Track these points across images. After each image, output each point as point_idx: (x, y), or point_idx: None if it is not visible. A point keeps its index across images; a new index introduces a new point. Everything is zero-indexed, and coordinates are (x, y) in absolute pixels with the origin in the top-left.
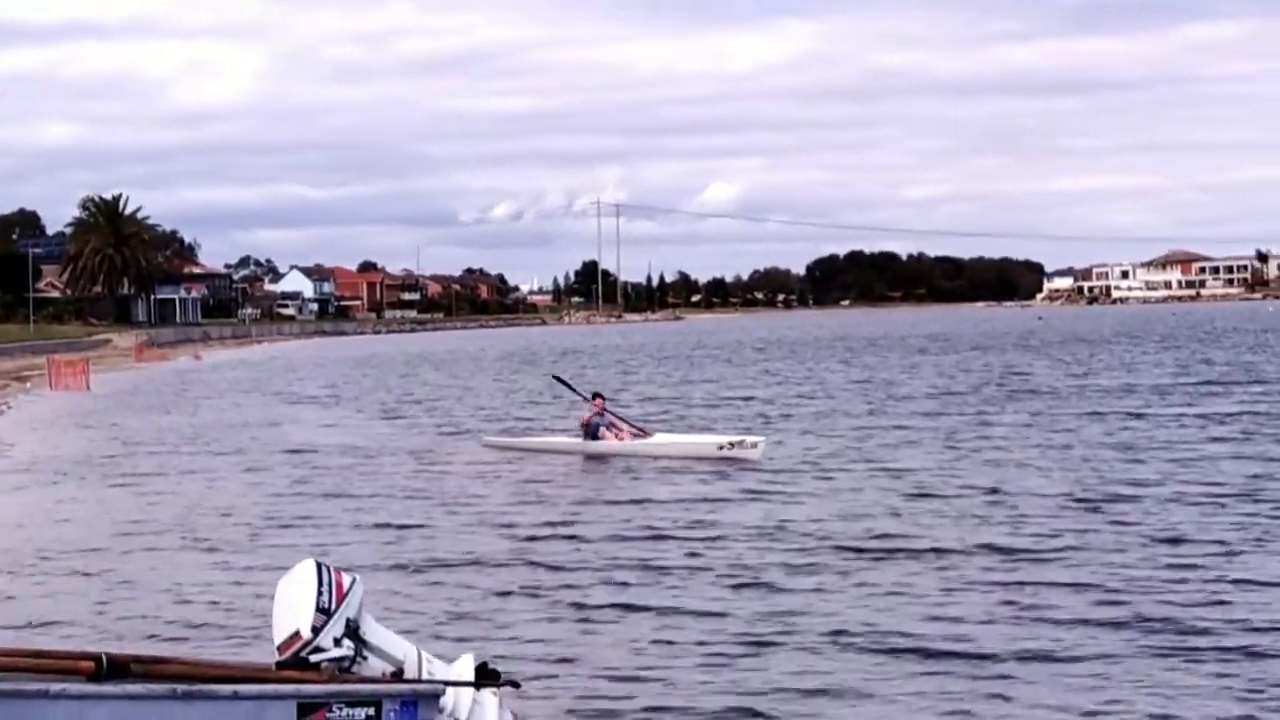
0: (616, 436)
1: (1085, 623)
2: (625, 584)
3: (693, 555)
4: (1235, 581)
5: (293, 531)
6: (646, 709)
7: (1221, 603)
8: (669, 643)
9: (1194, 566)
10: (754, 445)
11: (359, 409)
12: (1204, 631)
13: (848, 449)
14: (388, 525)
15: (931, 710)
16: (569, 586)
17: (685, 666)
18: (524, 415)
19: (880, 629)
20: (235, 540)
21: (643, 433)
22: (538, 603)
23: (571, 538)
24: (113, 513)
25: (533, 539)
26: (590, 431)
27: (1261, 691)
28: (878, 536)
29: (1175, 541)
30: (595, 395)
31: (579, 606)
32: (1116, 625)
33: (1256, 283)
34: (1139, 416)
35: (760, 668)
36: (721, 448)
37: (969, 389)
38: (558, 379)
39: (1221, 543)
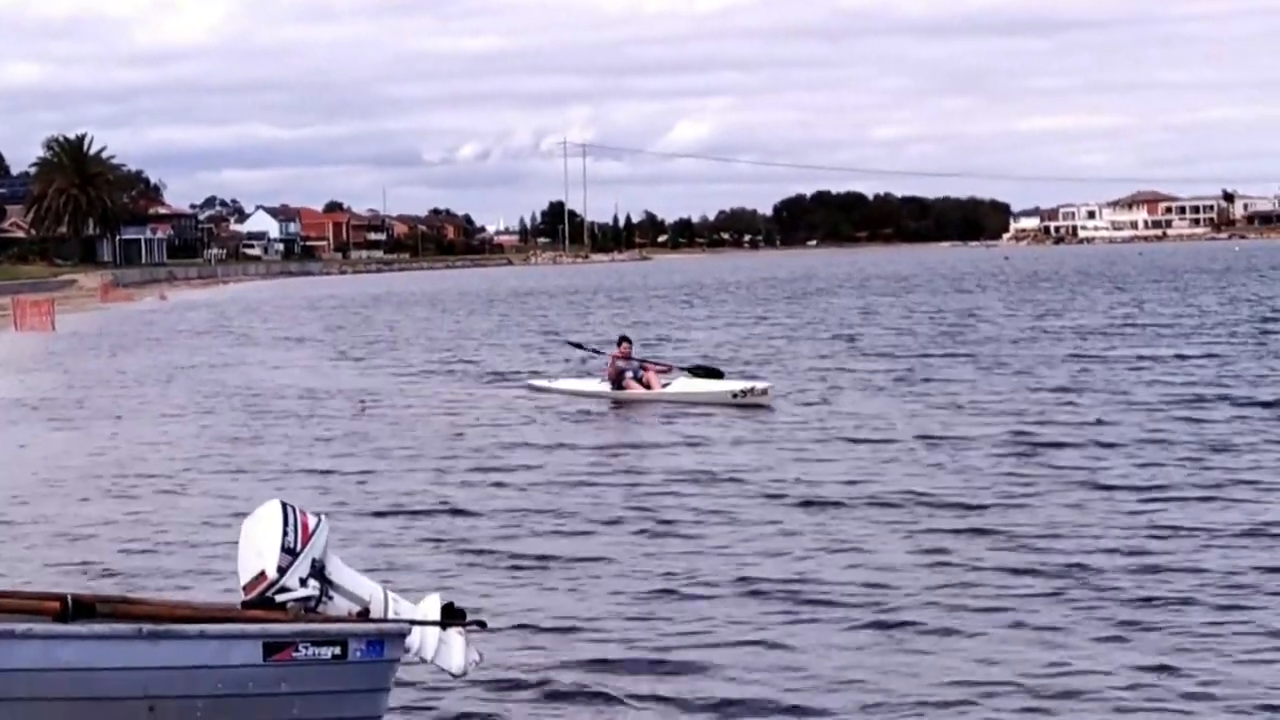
0: (644, 383)
1: (1011, 571)
2: (589, 533)
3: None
4: (1156, 531)
5: (255, 474)
6: (596, 660)
7: (1142, 552)
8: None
9: (1120, 514)
10: (763, 391)
11: (337, 350)
12: (1117, 585)
13: (795, 393)
14: (352, 469)
15: (858, 666)
16: (536, 535)
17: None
18: (476, 358)
19: (803, 578)
20: (197, 482)
21: (669, 370)
22: (500, 545)
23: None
24: (73, 454)
25: (499, 484)
26: (616, 378)
27: (1183, 650)
28: (810, 484)
29: (1105, 488)
30: (621, 340)
31: (542, 558)
32: (1037, 573)
33: (1223, 222)
34: (1086, 358)
35: (675, 615)
36: (735, 395)
37: (923, 332)
38: (572, 344)
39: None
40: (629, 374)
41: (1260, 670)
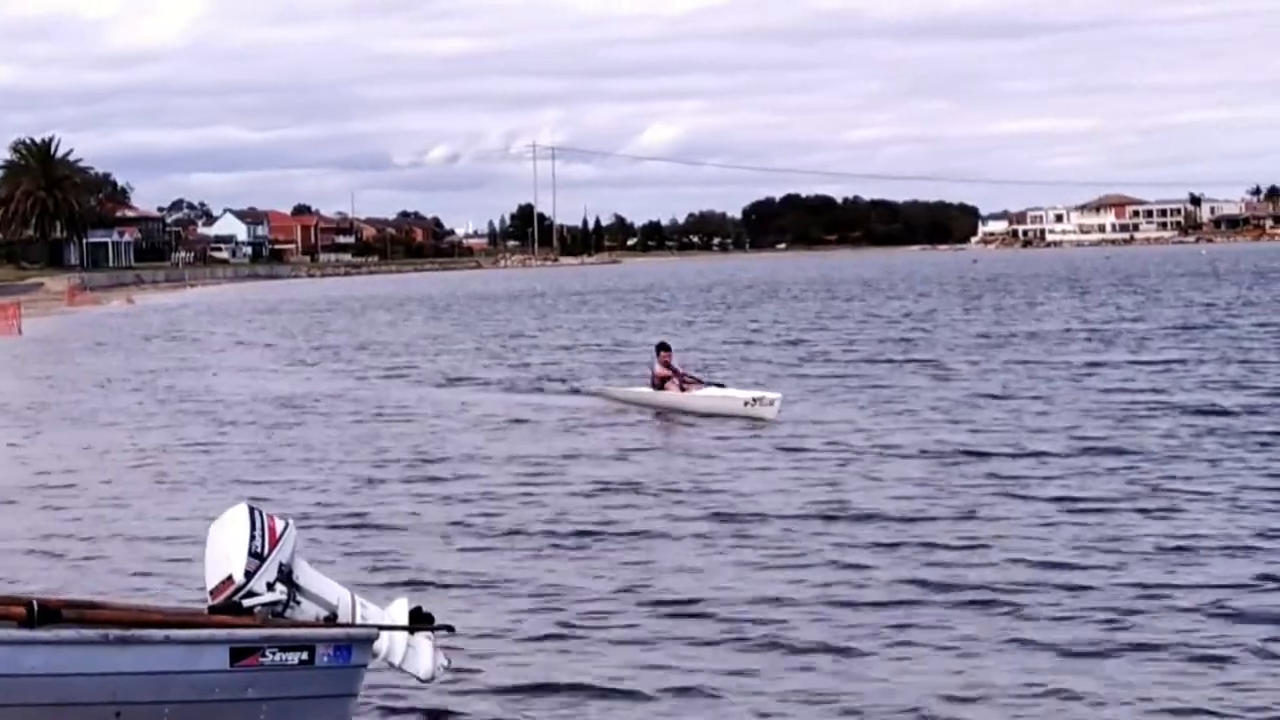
0: (681, 387)
1: (908, 583)
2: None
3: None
4: (1074, 543)
5: (220, 479)
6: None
7: (1057, 565)
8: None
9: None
10: (771, 402)
11: (295, 357)
12: (1011, 594)
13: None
14: (319, 472)
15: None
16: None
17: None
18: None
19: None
20: (164, 486)
21: (698, 382)
22: (472, 546)
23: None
24: (38, 459)
25: (468, 489)
26: (660, 383)
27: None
28: (741, 496)
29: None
30: (661, 347)
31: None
32: (947, 587)
33: (1190, 226)
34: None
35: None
36: (746, 403)
37: (875, 338)
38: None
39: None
40: (674, 380)
41: (1163, 687)
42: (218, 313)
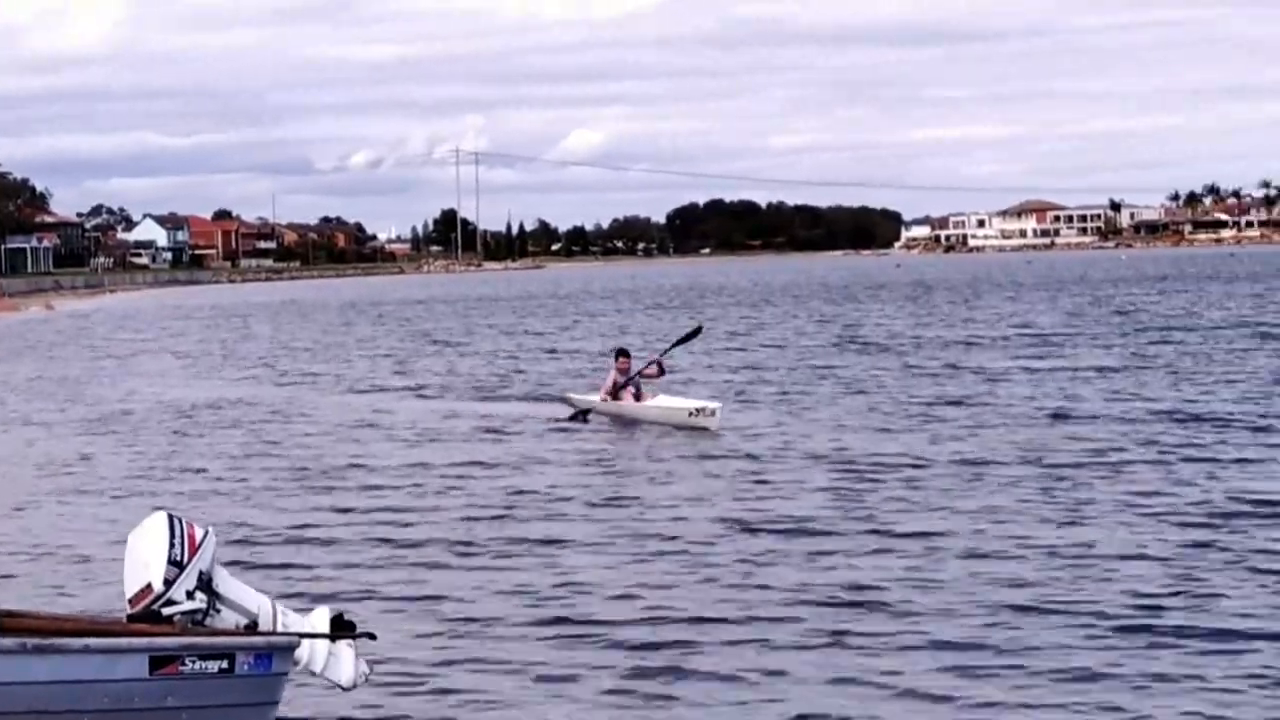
0: (638, 395)
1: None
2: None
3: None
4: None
5: (141, 485)
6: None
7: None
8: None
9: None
10: (712, 413)
11: (210, 364)
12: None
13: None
14: (230, 480)
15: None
16: (422, 543)
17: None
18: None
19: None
20: (81, 494)
21: (658, 368)
22: (390, 558)
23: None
24: None
25: (389, 497)
26: (614, 391)
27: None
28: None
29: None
30: (619, 353)
31: (433, 565)
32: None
33: (1110, 231)
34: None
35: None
36: (690, 414)
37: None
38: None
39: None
40: (628, 388)
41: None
42: (133, 319)
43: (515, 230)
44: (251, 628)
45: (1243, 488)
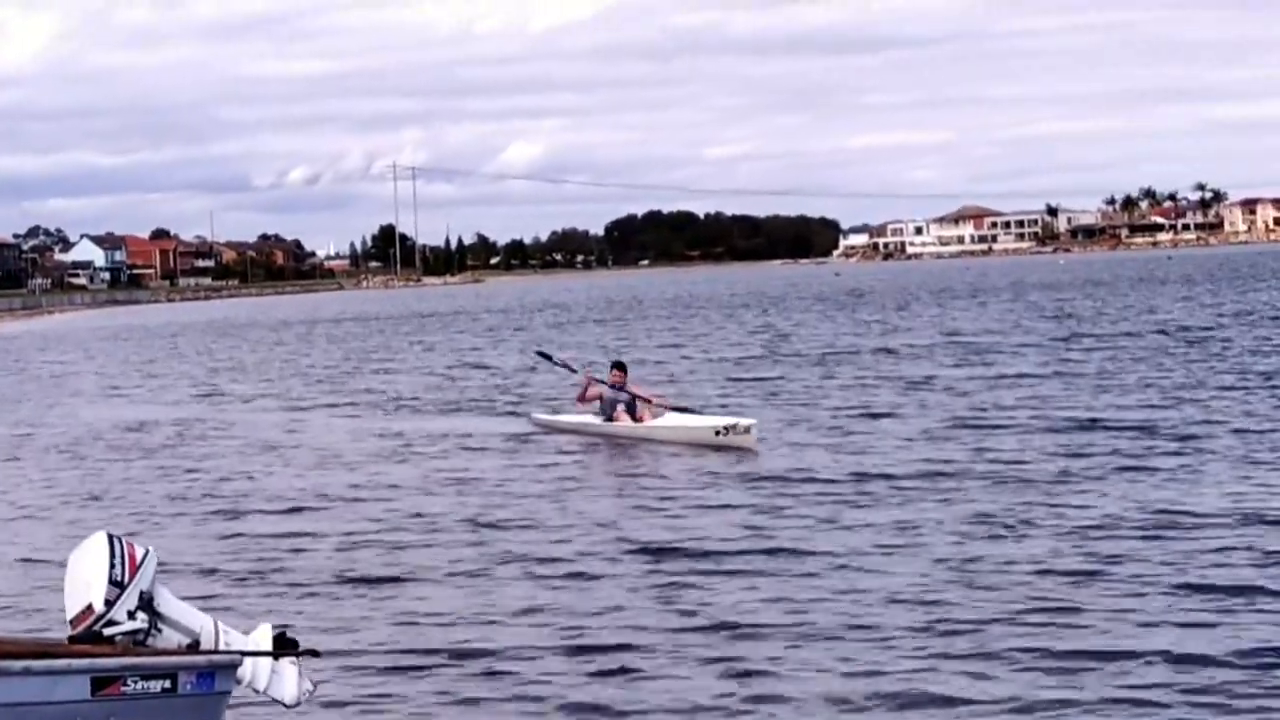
0: (635, 415)
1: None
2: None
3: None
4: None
5: (81, 506)
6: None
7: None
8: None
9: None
10: (745, 429)
11: (154, 385)
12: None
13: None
14: (180, 497)
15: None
16: (361, 553)
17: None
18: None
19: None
20: (21, 514)
21: (661, 403)
22: (336, 572)
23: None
24: None
25: (336, 508)
26: (606, 408)
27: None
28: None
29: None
30: (615, 366)
31: (366, 580)
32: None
33: (1047, 236)
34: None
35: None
36: (718, 432)
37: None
38: (541, 354)
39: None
40: (620, 405)
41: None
42: (65, 340)
43: (454, 245)
44: (194, 647)
45: (1146, 497)
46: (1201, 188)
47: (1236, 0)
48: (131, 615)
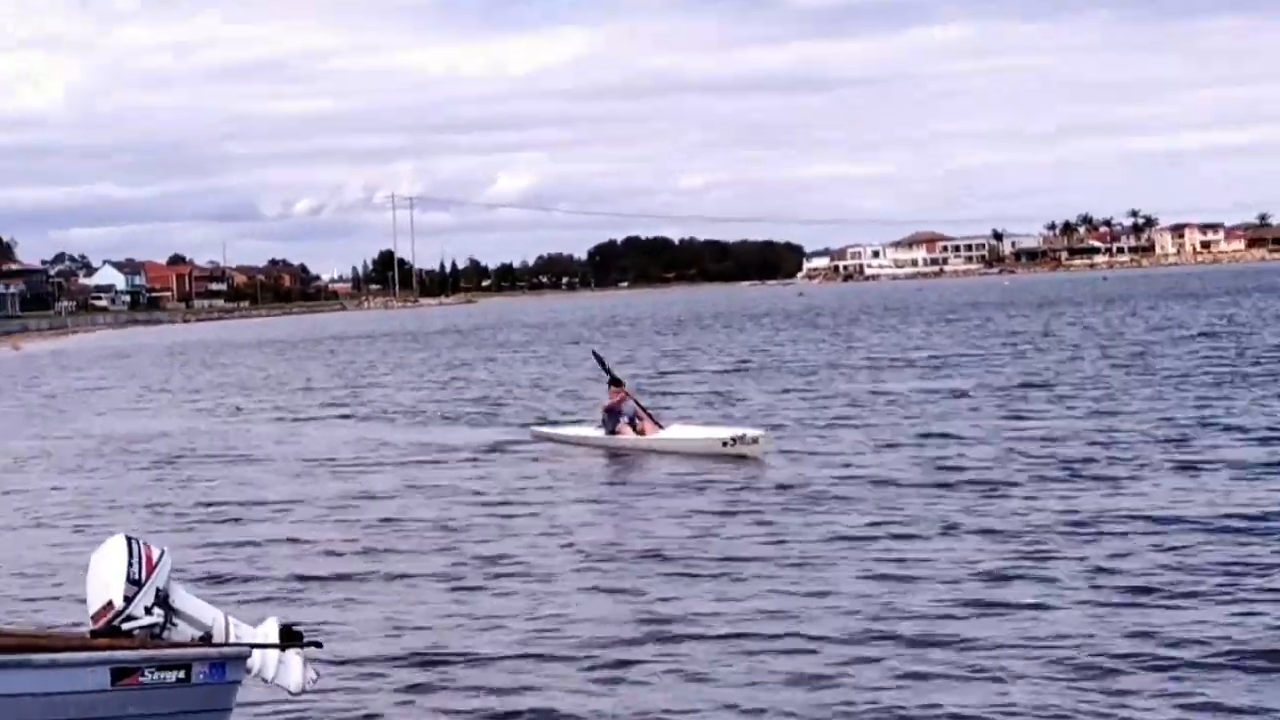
0: (638, 429)
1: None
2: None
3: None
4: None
5: (102, 510)
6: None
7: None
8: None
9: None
10: (754, 439)
11: (170, 397)
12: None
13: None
14: (197, 503)
15: None
16: (366, 553)
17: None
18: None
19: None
20: (47, 519)
21: (659, 421)
22: (339, 570)
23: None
24: None
25: (331, 514)
26: (609, 421)
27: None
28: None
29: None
30: (613, 383)
31: (391, 576)
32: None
33: (993, 259)
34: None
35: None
36: (725, 443)
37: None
38: (596, 355)
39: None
40: (624, 419)
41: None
42: (87, 358)
43: (449, 268)
44: (206, 639)
45: (1064, 507)
46: (1135, 214)
47: (1143, 44)
48: (148, 611)
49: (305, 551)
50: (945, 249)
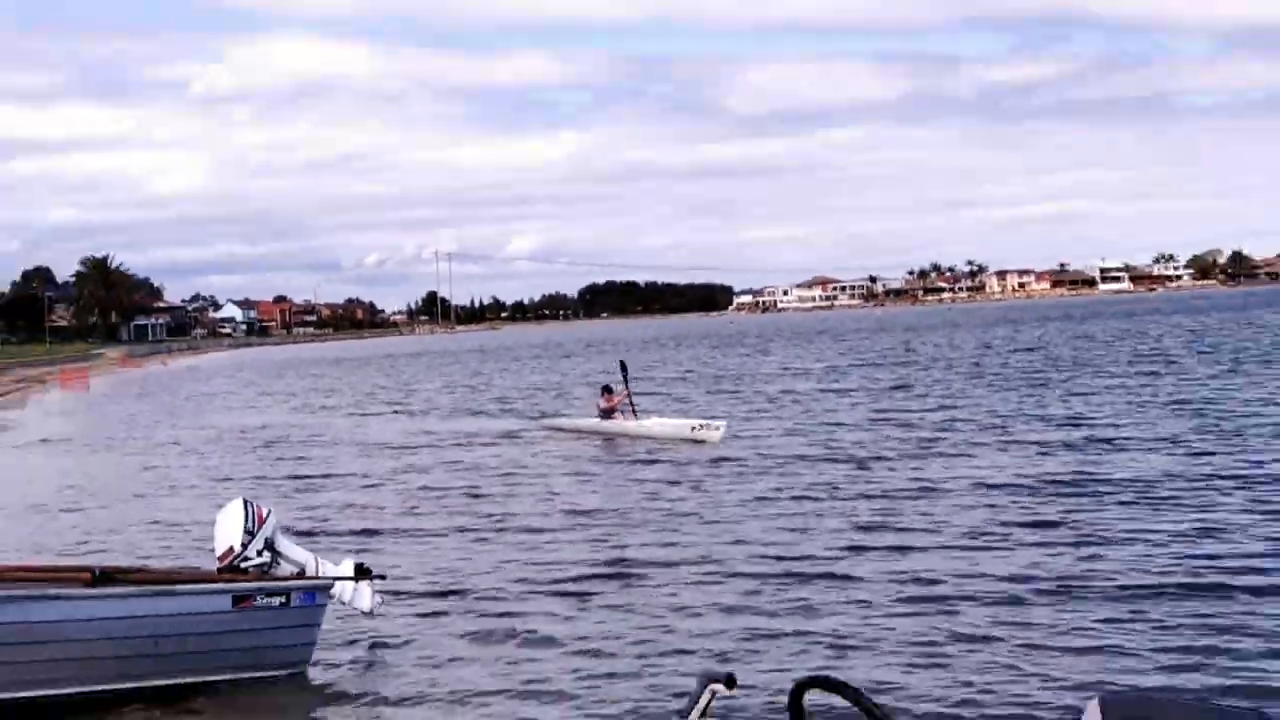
0: (624, 417)
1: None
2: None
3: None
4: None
5: (222, 481)
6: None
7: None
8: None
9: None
10: (716, 428)
11: (270, 399)
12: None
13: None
14: (291, 475)
15: None
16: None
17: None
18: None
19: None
20: (182, 487)
21: (634, 411)
22: (392, 530)
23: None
24: (96, 473)
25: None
26: (605, 414)
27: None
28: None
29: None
30: (605, 389)
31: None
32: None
33: (869, 296)
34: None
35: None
36: (693, 429)
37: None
38: (623, 365)
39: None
40: (618, 413)
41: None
42: (215, 370)
43: (477, 304)
44: (301, 574)
45: (917, 475)
46: (971, 263)
47: (985, 143)
48: (259, 554)
49: (369, 510)
50: (835, 289)
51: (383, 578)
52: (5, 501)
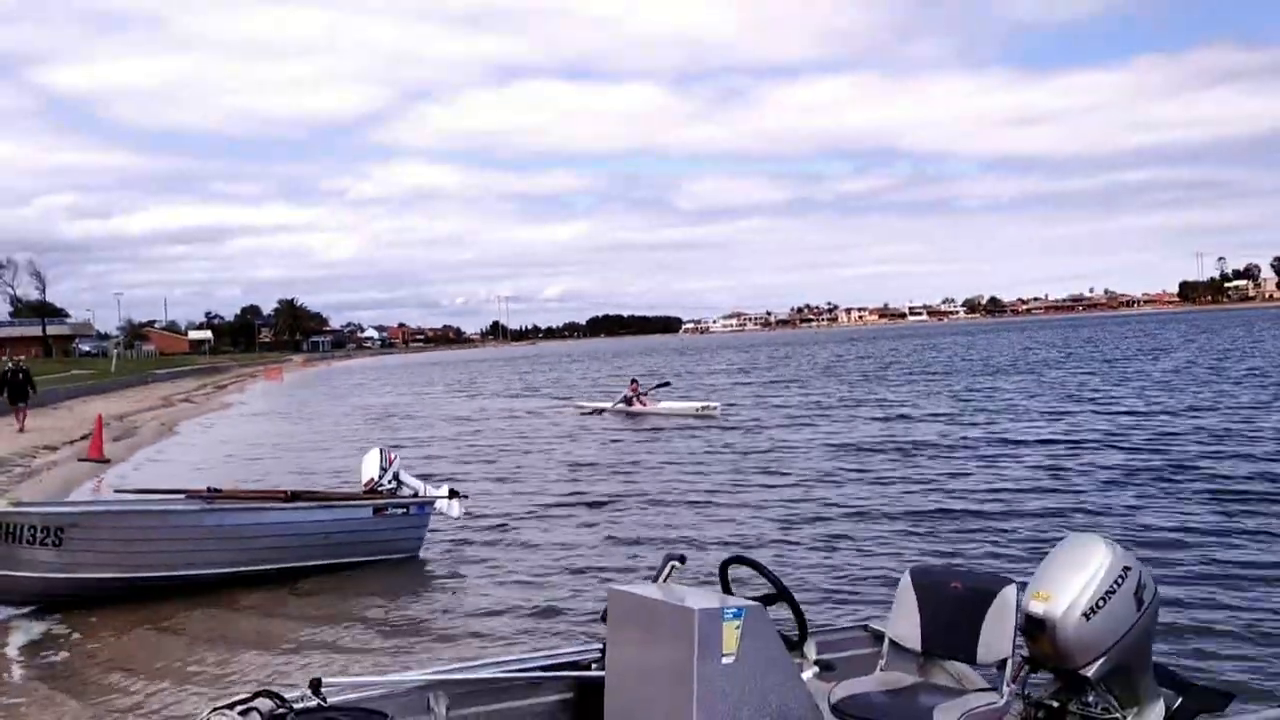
0: (642, 403)
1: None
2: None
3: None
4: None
5: (361, 438)
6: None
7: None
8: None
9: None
10: (715, 407)
11: (416, 388)
12: None
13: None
14: (402, 436)
15: None
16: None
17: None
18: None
19: None
20: (335, 442)
21: (649, 393)
22: (477, 473)
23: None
24: (289, 433)
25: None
26: (631, 400)
27: None
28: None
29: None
30: (633, 381)
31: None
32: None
33: (767, 324)
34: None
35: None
36: (699, 408)
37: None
38: (664, 384)
39: None
40: (637, 399)
41: None
42: (365, 370)
43: (524, 328)
44: (416, 495)
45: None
46: (829, 303)
47: (845, 229)
48: (389, 482)
49: (450, 459)
50: (745, 319)
51: (467, 498)
52: (235, 450)
